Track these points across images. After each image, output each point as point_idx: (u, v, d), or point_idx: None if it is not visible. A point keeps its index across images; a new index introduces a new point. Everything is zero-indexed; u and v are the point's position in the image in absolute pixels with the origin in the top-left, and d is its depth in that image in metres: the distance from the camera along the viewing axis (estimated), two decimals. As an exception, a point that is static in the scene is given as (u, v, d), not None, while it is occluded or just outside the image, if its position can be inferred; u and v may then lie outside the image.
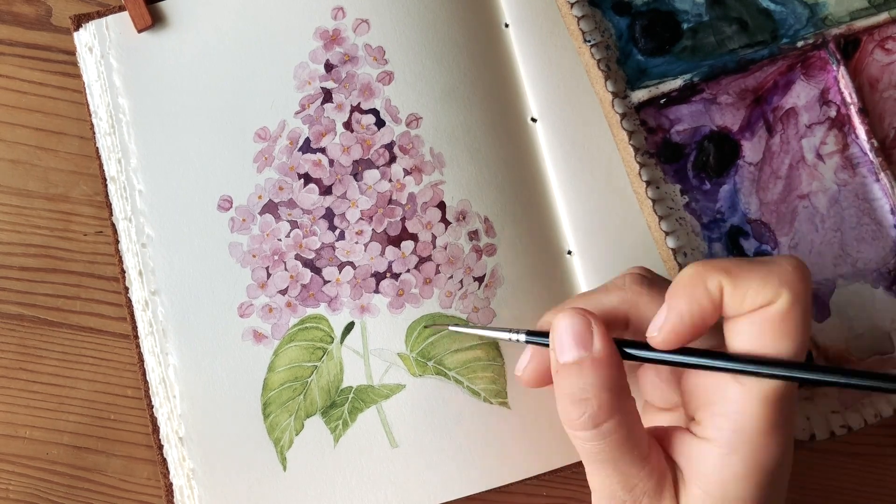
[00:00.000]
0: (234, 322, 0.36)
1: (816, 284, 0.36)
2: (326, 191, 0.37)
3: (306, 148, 0.37)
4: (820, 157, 0.37)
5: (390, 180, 0.37)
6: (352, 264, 0.36)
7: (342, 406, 0.35)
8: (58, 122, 0.38)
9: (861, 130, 0.37)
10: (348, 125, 0.37)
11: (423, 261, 0.36)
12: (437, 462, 0.35)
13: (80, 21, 0.37)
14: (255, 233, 0.36)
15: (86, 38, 0.37)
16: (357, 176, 0.37)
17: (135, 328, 0.36)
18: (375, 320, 0.36)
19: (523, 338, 0.31)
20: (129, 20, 0.37)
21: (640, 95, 0.36)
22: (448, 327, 0.35)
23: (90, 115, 0.37)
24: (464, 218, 0.37)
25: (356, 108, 0.37)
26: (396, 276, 0.36)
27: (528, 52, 0.38)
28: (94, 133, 0.37)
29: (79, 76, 0.37)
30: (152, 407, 0.35)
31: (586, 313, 0.28)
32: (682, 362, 0.28)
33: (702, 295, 0.26)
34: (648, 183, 0.35)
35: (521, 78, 0.38)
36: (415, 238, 0.36)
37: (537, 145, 0.38)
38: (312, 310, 0.36)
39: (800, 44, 0.37)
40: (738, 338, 0.27)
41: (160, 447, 0.35)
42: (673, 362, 0.28)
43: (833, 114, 0.37)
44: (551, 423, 0.36)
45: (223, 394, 0.35)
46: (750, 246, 0.36)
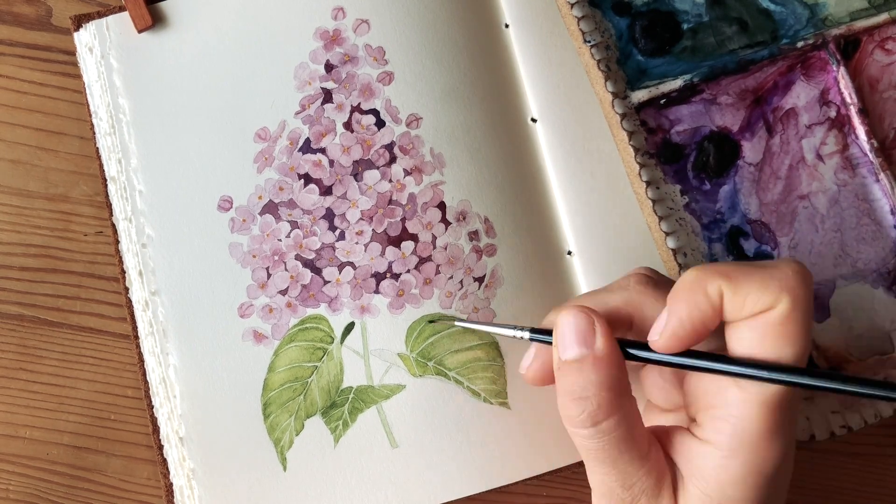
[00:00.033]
0: (234, 322, 0.36)
1: (816, 285, 0.36)
2: (326, 191, 0.37)
3: (306, 148, 0.37)
4: (820, 157, 0.37)
5: (390, 180, 0.37)
6: (352, 265, 0.36)
7: (342, 406, 0.35)
8: (58, 122, 0.38)
9: (861, 131, 0.37)
10: (348, 125, 0.37)
11: (423, 261, 0.36)
12: (438, 462, 0.35)
13: (80, 21, 0.37)
14: (256, 233, 0.36)
15: (86, 39, 0.37)
16: (357, 176, 0.37)
17: (135, 328, 0.36)
18: (375, 321, 0.36)
19: (527, 335, 0.31)
20: (130, 20, 0.37)
21: (640, 96, 0.36)
22: (454, 322, 0.35)
23: (90, 116, 0.37)
24: (464, 218, 0.37)
25: (356, 109, 0.37)
26: (396, 277, 0.36)
27: (528, 52, 0.38)
28: (95, 133, 0.37)
29: (79, 76, 0.37)
30: (152, 407, 0.35)
31: (589, 312, 0.28)
32: (683, 364, 0.28)
33: (702, 300, 0.26)
34: (648, 183, 0.35)
35: (521, 78, 0.38)
36: (415, 238, 0.36)
37: (537, 145, 0.38)
38: (312, 310, 0.36)
39: (800, 44, 0.37)
40: (739, 342, 0.27)
41: (160, 447, 0.35)
42: (674, 364, 0.28)
43: (833, 114, 0.37)
44: (551, 423, 0.36)
45: (223, 394, 0.35)
46: (750, 246, 0.36)
